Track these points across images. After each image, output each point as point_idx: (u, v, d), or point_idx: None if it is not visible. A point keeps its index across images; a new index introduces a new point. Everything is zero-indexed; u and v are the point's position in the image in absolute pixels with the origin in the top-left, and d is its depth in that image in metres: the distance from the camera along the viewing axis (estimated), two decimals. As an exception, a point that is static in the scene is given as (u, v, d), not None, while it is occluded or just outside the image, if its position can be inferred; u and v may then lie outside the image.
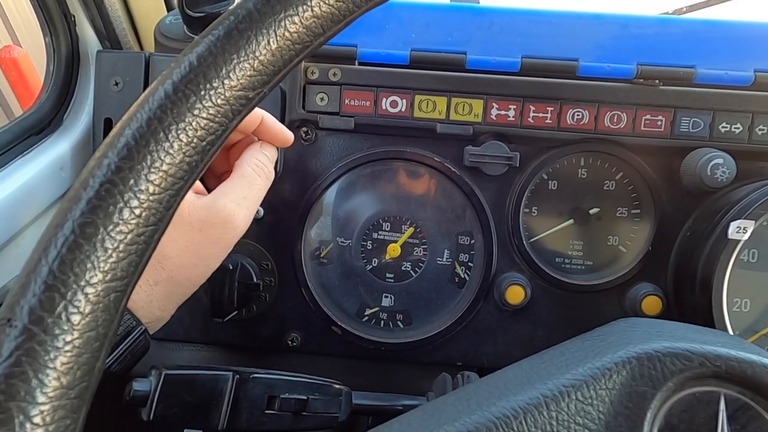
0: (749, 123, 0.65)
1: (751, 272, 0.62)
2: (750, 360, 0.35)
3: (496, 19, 0.67)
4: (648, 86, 0.66)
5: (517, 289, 0.68)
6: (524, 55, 0.65)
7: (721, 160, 0.62)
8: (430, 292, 0.72)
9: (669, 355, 0.35)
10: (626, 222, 0.70)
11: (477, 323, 0.71)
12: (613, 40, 0.65)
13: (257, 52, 0.29)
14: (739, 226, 0.58)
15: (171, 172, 0.27)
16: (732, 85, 0.64)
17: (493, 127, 0.67)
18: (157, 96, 0.27)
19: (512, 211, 0.69)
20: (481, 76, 0.67)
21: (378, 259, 0.72)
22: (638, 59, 0.64)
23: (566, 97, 0.66)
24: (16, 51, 2.46)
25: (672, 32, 0.65)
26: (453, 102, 0.67)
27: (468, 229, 0.71)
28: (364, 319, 0.73)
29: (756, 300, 0.62)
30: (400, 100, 0.68)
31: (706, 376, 0.35)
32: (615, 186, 0.70)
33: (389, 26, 0.67)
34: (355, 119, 0.68)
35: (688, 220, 0.67)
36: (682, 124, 0.66)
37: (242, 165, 0.56)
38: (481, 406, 0.33)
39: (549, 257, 0.71)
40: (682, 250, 0.66)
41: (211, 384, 0.47)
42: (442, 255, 0.71)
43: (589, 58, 0.65)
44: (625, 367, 0.35)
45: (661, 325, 0.42)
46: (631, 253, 0.70)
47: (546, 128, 0.67)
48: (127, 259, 0.26)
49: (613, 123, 0.66)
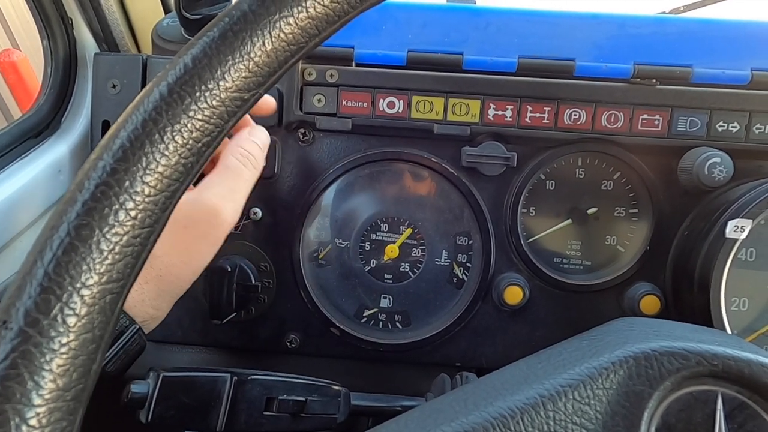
0: (746, 122, 0.65)
1: (749, 271, 0.62)
2: (747, 359, 0.35)
3: (492, 19, 0.67)
4: (645, 86, 0.66)
5: (515, 290, 0.68)
6: (521, 56, 0.65)
7: (719, 159, 0.62)
8: (428, 293, 0.72)
9: (666, 354, 0.35)
10: (624, 222, 0.70)
11: (476, 324, 0.71)
12: (610, 40, 0.65)
13: (252, 53, 0.29)
14: (737, 224, 0.58)
15: (166, 174, 0.27)
16: (729, 84, 0.64)
17: (490, 128, 0.68)
18: (153, 98, 0.27)
19: (510, 212, 0.69)
20: (478, 77, 0.67)
21: (376, 260, 0.72)
22: (635, 59, 0.64)
23: (563, 97, 0.66)
24: (15, 54, 2.47)
25: (669, 32, 0.65)
26: (450, 102, 0.67)
27: (466, 230, 0.71)
28: (362, 320, 0.73)
29: (754, 299, 0.62)
30: (398, 101, 0.68)
31: (703, 375, 0.35)
32: (613, 186, 0.70)
33: (386, 27, 0.67)
34: (352, 120, 0.68)
35: (686, 219, 0.67)
36: (679, 123, 0.66)
37: (227, 156, 0.54)
38: (478, 406, 0.33)
39: (547, 257, 0.71)
40: (680, 250, 0.66)
41: (209, 386, 0.47)
42: (441, 256, 0.71)
43: (586, 58, 0.65)
44: (622, 367, 0.35)
45: (659, 325, 0.42)
46: (629, 252, 0.70)
47: (543, 128, 0.67)
48: (122, 260, 0.26)
49: (611, 123, 0.66)
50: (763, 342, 0.62)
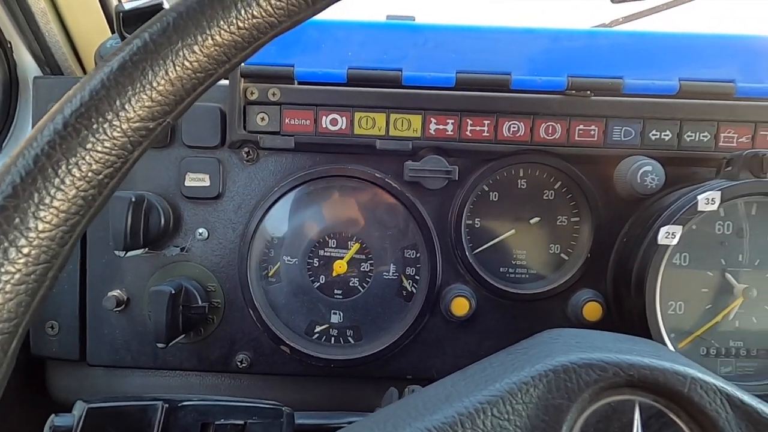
0: (678, 130, 0.67)
1: (684, 275, 0.64)
2: (662, 367, 0.36)
3: (430, 35, 0.68)
4: (580, 97, 0.67)
5: (461, 301, 0.68)
6: (459, 71, 0.66)
7: (650, 167, 0.63)
8: (378, 307, 0.72)
9: (584, 366, 0.36)
10: (567, 230, 0.71)
11: (425, 336, 0.72)
12: (544, 54, 0.67)
13: (154, 82, 0.29)
14: (668, 231, 0.60)
15: (63, 208, 0.27)
16: (659, 94, 0.66)
17: (432, 142, 0.68)
18: (46, 132, 0.27)
19: (454, 224, 0.70)
20: (418, 92, 0.68)
21: (325, 276, 0.72)
22: (569, 71, 0.66)
23: (502, 110, 0.68)
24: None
25: (600, 44, 0.67)
26: (392, 118, 0.68)
27: (412, 243, 0.71)
28: (314, 336, 0.73)
29: (690, 302, 0.64)
30: (340, 118, 0.68)
31: (620, 385, 0.36)
32: (554, 195, 0.71)
33: (326, 46, 0.68)
34: (295, 138, 0.68)
35: (625, 225, 0.69)
36: (614, 132, 0.68)
37: None
38: (397, 427, 0.33)
39: (494, 267, 0.72)
40: (620, 256, 0.68)
41: (139, 415, 0.46)
42: (389, 269, 0.72)
43: (522, 72, 0.66)
44: (541, 381, 0.36)
45: (584, 336, 0.42)
46: (573, 260, 0.71)
47: (484, 141, 0.68)
48: (15, 299, 0.25)
49: (549, 134, 0.68)
50: (700, 344, 0.64)
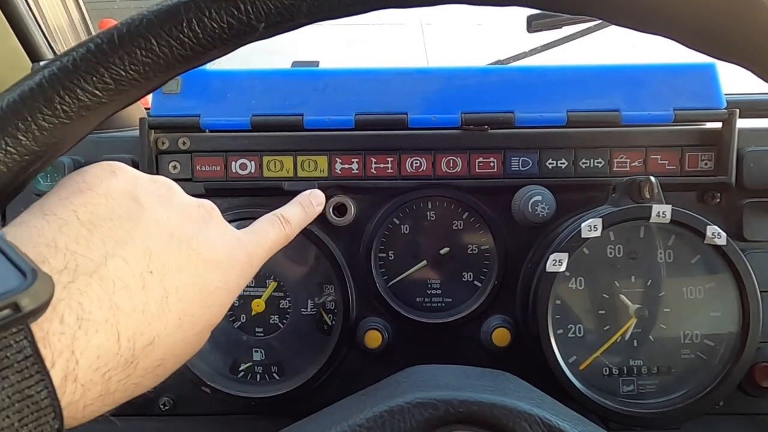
0: (572, 158, 0.70)
1: (581, 299, 0.66)
2: (490, 402, 0.38)
3: (330, 80, 0.71)
4: (477, 131, 0.70)
5: (374, 334, 0.70)
6: (357, 112, 0.69)
7: (540, 197, 0.66)
8: (298, 343, 0.74)
9: (417, 406, 0.38)
10: (477, 258, 0.74)
11: (344, 369, 0.74)
12: (439, 93, 0.70)
13: None
14: (555, 258, 0.62)
15: None
16: (549, 125, 0.69)
17: (338, 181, 0.71)
18: None
19: (364, 258, 0.72)
20: (322, 134, 0.71)
21: (245, 315, 0.74)
22: (462, 108, 0.69)
23: (403, 147, 0.70)
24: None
25: (492, 81, 0.70)
26: (299, 160, 0.71)
27: (328, 279, 0.74)
28: (239, 374, 0.74)
29: (587, 325, 0.66)
30: (249, 162, 0.71)
31: (451, 422, 0.38)
32: (463, 225, 0.73)
33: (230, 95, 0.71)
34: (204, 185, 0.70)
35: (529, 252, 0.71)
36: (512, 163, 0.70)
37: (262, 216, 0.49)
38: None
39: (410, 298, 0.74)
40: (525, 282, 0.70)
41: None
42: (306, 305, 0.74)
43: (417, 111, 0.69)
44: (377, 423, 0.38)
45: (434, 373, 0.44)
46: (483, 287, 0.73)
47: (388, 178, 0.71)
48: None
49: (450, 168, 0.71)
50: (601, 364, 0.66)
